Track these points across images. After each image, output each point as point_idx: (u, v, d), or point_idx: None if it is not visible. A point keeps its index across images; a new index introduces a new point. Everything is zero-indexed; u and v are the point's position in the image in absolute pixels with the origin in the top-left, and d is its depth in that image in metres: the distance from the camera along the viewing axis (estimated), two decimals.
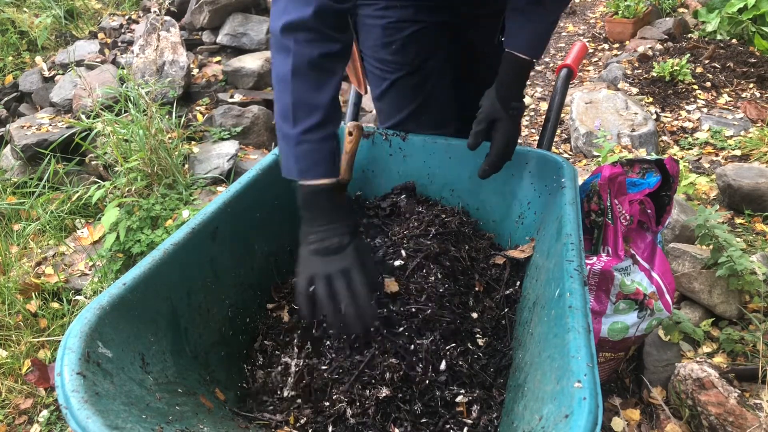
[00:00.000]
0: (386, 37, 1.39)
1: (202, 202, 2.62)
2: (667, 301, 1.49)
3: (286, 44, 1.01)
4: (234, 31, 3.68)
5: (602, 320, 1.49)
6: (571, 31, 5.54)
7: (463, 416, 1.03)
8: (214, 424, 0.91)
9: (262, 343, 1.21)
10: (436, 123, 1.51)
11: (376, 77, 1.48)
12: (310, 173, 1.02)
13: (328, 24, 1.01)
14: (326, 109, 1.02)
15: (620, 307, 1.47)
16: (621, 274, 1.44)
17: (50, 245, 2.76)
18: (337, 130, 1.07)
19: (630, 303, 1.47)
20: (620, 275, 1.44)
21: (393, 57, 1.41)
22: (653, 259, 1.47)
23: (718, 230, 1.88)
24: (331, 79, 1.04)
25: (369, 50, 1.44)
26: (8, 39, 4.27)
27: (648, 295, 1.45)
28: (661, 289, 1.47)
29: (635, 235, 1.45)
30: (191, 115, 3.35)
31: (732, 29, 4.42)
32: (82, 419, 0.70)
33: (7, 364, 2.08)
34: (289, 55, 1.00)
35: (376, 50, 1.42)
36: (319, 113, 1.01)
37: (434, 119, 1.51)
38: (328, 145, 1.03)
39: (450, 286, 1.21)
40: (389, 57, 1.41)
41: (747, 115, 3.58)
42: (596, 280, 1.45)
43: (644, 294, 1.45)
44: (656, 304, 1.47)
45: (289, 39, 1.00)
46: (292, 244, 1.45)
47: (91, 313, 0.84)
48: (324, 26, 1.01)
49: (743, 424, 1.48)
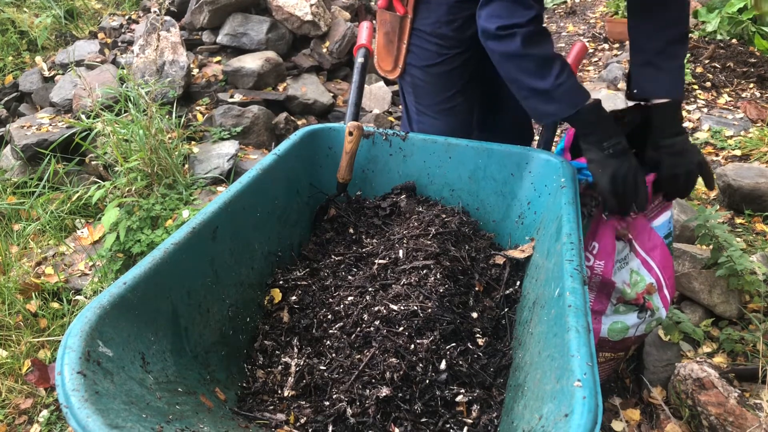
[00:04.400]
0: (451, 14, 1.53)
1: (202, 202, 2.62)
2: (665, 296, 1.48)
3: (506, 33, 1.24)
4: (234, 31, 3.68)
5: (602, 320, 1.49)
6: (571, 31, 5.55)
7: (463, 416, 1.03)
8: (215, 424, 0.91)
9: (262, 343, 1.21)
10: (475, 100, 1.72)
11: (430, 52, 1.60)
12: (581, 99, 1.25)
13: (538, 23, 1.25)
14: (559, 56, 1.26)
15: (620, 310, 1.47)
16: (618, 266, 1.43)
17: (50, 245, 2.75)
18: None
19: (630, 306, 1.47)
20: (619, 280, 1.43)
21: (454, 33, 1.56)
22: (654, 250, 1.46)
23: (718, 230, 1.88)
24: (549, 37, 1.27)
25: (429, 26, 1.57)
26: (8, 39, 4.27)
27: (645, 287, 1.44)
28: (660, 283, 1.47)
29: (636, 222, 1.43)
30: (191, 115, 3.35)
31: (732, 29, 4.42)
32: (83, 418, 0.70)
33: (7, 364, 2.08)
34: (515, 37, 1.23)
35: (439, 26, 1.56)
36: (558, 60, 1.25)
37: (477, 96, 1.73)
38: (575, 77, 1.27)
39: (450, 286, 1.21)
40: (450, 33, 1.55)
41: (747, 115, 3.58)
42: (597, 287, 1.45)
43: (644, 298, 1.45)
44: (654, 303, 1.47)
45: (509, 30, 1.23)
46: (292, 243, 1.45)
47: (91, 313, 0.84)
48: (534, 24, 1.24)
49: (743, 424, 1.48)
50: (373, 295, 1.21)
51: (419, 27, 1.59)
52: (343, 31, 3.87)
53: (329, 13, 3.96)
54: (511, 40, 1.24)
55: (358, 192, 1.58)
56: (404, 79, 1.70)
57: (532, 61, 1.24)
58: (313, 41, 3.89)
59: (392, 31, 1.63)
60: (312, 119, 3.61)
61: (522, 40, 1.22)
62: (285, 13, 3.74)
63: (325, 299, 1.27)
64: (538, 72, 1.24)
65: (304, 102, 3.57)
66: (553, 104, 1.26)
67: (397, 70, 1.67)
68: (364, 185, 1.59)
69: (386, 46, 1.67)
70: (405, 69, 1.67)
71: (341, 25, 3.92)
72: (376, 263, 1.29)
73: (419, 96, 1.69)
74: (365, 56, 1.67)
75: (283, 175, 1.42)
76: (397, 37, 1.63)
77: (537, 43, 1.24)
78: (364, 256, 1.37)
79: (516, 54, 1.24)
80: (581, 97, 1.26)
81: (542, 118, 1.34)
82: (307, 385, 1.09)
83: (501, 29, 1.24)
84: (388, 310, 1.13)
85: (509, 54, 1.26)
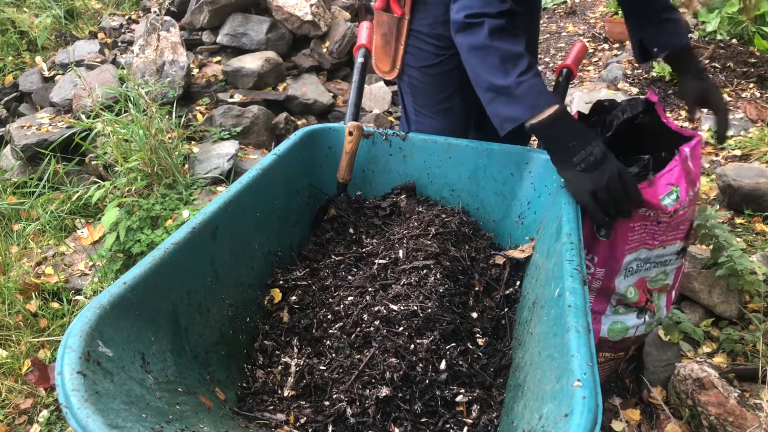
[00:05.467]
0: (448, 15, 1.49)
1: (202, 202, 2.62)
2: (671, 297, 1.48)
3: (474, 22, 1.20)
4: (234, 31, 3.68)
5: (602, 320, 1.48)
6: (571, 31, 5.54)
7: (463, 416, 1.03)
8: (215, 424, 0.91)
9: (262, 343, 1.21)
10: (473, 100, 1.68)
11: (428, 53, 1.60)
12: (540, 104, 1.15)
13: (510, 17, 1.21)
14: (527, 54, 1.20)
15: (620, 311, 1.47)
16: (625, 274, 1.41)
17: (50, 245, 2.75)
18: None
19: (630, 308, 1.46)
20: (624, 285, 1.42)
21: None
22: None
23: (718, 230, 1.88)
24: (520, 32, 1.22)
25: (426, 27, 1.57)
26: (8, 39, 4.27)
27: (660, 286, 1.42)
28: (674, 284, 1.47)
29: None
30: (191, 115, 3.35)
31: (732, 29, 4.42)
32: (83, 418, 0.70)
33: (7, 364, 2.08)
34: (482, 26, 1.19)
35: (435, 26, 1.56)
36: (524, 58, 1.18)
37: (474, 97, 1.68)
38: (541, 79, 1.19)
39: (450, 286, 1.21)
40: (448, 34, 1.52)
41: (747, 115, 3.58)
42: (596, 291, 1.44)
43: (647, 300, 1.44)
44: (657, 303, 1.47)
45: (477, 18, 1.20)
46: (292, 243, 1.45)
47: (91, 312, 0.84)
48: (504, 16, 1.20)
49: (743, 424, 1.48)
50: (373, 295, 1.21)
51: (416, 28, 1.60)
52: (343, 31, 3.87)
53: (329, 13, 3.96)
54: (478, 30, 1.20)
55: (358, 192, 1.58)
56: (402, 80, 1.71)
57: (496, 54, 1.19)
58: (313, 41, 3.89)
59: (389, 32, 1.63)
60: (312, 119, 3.61)
61: (488, 31, 1.19)
62: (285, 13, 3.74)
63: (325, 299, 1.27)
64: (502, 67, 1.18)
65: (304, 102, 3.57)
66: (512, 106, 1.18)
67: (394, 71, 1.68)
68: (364, 185, 1.59)
69: (384, 48, 1.68)
70: (403, 70, 1.67)
71: (341, 25, 3.92)
72: (376, 263, 1.29)
73: (417, 96, 1.69)
74: (365, 56, 1.68)
75: (283, 175, 1.42)
76: (394, 39, 1.63)
77: (504, 37, 1.19)
78: (364, 256, 1.37)
79: (481, 45, 1.20)
80: (542, 102, 1.16)
81: (504, 123, 1.22)
82: (307, 385, 1.09)
83: (469, 17, 1.22)
84: (388, 310, 1.13)
85: (474, 46, 1.22)
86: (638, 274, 1.42)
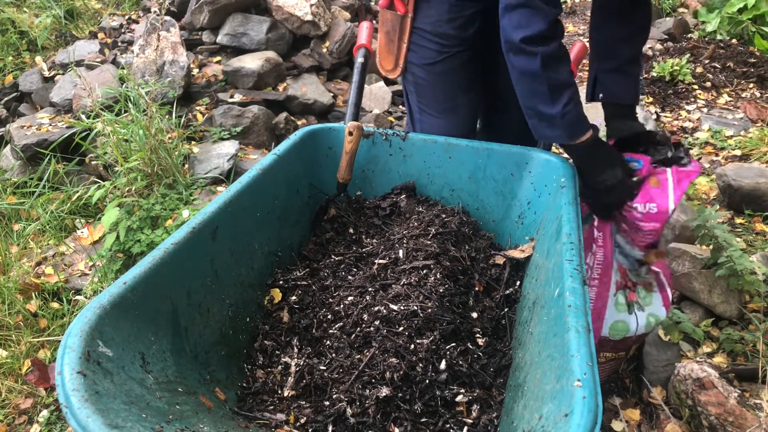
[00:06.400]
0: (452, 13, 1.54)
1: (202, 202, 2.62)
2: (667, 298, 1.49)
3: (530, 50, 1.24)
4: (234, 31, 3.68)
5: (604, 319, 1.49)
6: (571, 31, 5.54)
7: (463, 416, 1.03)
8: (215, 424, 0.91)
9: (262, 343, 1.21)
10: (479, 100, 1.73)
11: (431, 51, 1.61)
12: (579, 131, 1.29)
13: (559, 29, 1.27)
14: (573, 81, 1.28)
15: (618, 299, 1.47)
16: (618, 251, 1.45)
17: (50, 245, 2.75)
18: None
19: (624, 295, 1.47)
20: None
21: (455, 32, 1.57)
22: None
23: (718, 230, 1.88)
24: (568, 59, 1.29)
25: (430, 25, 1.58)
26: (8, 39, 4.27)
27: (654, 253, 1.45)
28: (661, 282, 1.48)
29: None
30: (191, 115, 3.35)
31: (732, 29, 4.42)
32: (83, 418, 0.70)
33: (7, 364, 2.08)
34: (537, 56, 1.23)
35: (439, 24, 1.57)
36: (570, 87, 1.27)
37: (480, 96, 1.74)
38: (581, 105, 1.29)
39: (450, 286, 1.21)
40: (451, 32, 1.57)
41: (747, 115, 3.58)
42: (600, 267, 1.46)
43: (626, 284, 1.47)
44: (643, 299, 1.48)
45: (532, 46, 1.24)
46: (292, 243, 1.45)
47: (91, 312, 0.84)
48: (556, 32, 1.26)
49: (743, 424, 1.48)
50: (373, 295, 1.21)
51: (420, 26, 1.60)
52: (343, 31, 3.87)
53: (329, 13, 3.96)
54: (532, 59, 1.24)
55: (358, 192, 1.58)
56: (407, 78, 1.71)
57: (545, 84, 1.25)
58: (313, 41, 3.89)
59: (393, 30, 1.63)
60: (312, 119, 3.61)
61: (542, 61, 1.23)
62: (285, 13, 3.74)
63: (325, 299, 1.27)
64: (550, 96, 1.26)
65: (304, 102, 3.56)
66: (554, 130, 1.30)
67: (397, 69, 1.68)
68: (364, 185, 1.58)
69: (387, 46, 1.68)
70: (406, 68, 1.67)
71: (341, 25, 3.92)
72: (376, 263, 1.29)
73: (421, 95, 1.69)
74: (365, 56, 1.68)
75: (283, 175, 1.42)
76: (397, 36, 1.64)
77: (555, 68, 1.25)
78: (364, 256, 1.37)
79: (533, 73, 1.25)
80: (581, 129, 1.29)
81: (540, 137, 1.35)
82: (307, 385, 1.09)
83: (525, 41, 1.24)
84: (388, 310, 1.13)
85: (527, 72, 1.27)
86: (618, 256, 1.47)
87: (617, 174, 1.33)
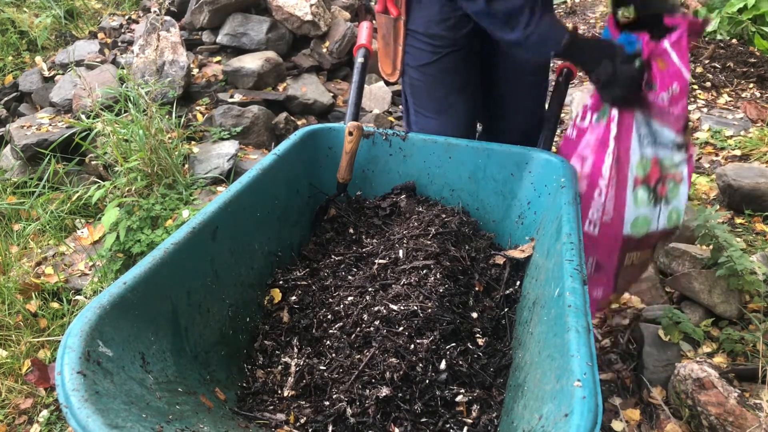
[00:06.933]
0: (443, 13, 1.54)
1: (202, 202, 2.62)
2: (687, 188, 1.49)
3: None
4: (234, 31, 3.68)
5: (624, 216, 1.47)
6: None
7: (463, 416, 1.03)
8: (215, 424, 0.91)
9: (262, 343, 1.21)
10: (476, 103, 1.74)
11: (424, 52, 1.61)
12: (553, 44, 1.35)
13: None
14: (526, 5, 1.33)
15: (638, 195, 1.46)
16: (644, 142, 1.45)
17: (50, 245, 2.75)
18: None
19: (647, 190, 1.47)
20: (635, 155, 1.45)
21: (447, 32, 1.56)
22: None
23: (718, 230, 1.88)
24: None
25: (422, 26, 1.58)
26: (8, 39, 4.27)
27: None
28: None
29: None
30: (191, 115, 3.35)
31: (732, 29, 4.42)
32: (83, 418, 0.70)
33: (7, 364, 2.08)
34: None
35: (430, 25, 1.57)
36: (525, 11, 1.32)
37: (478, 99, 1.75)
38: (547, 20, 1.34)
39: (450, 286, 1.21)
40: (443, 32, 1.57)
41: (747, 115, 3.58)
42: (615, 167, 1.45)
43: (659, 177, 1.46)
44: (672, 191, 1.48)
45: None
46: (292, 243, 1.45)
47: (91, 312, 0.84)
48: None
49: (743, 424, 1.48)
50: (373, 295, 1.21)
51: (412, 28, 1.60)
52: (343, 31, 3.87)
53: (329, 13, 3.96)
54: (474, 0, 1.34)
55: (358, 192, 1.58)
56: (404, 80, 1.71)
57: (498, 17, 1.36)
58: (313, 41, 3.89)
59: (388, 33, 1.64)
60: (312, 119, 3.61)
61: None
62: (285, 13, 3.74)
63: (325, 299, 1.27)
64: (507, 25, 1.35)
65: (304, 102, 3.56)
66: (528, 52, 1.39)
67: (396, 72, 1.68)
68: (364, 185, 1.59)
69: (385, 49, 1.69)
70: (403, 71, 1.67)
71: (341, 25, 3.92)
72: (376, 263, 1.29)
73: (416, 96, 1.69)
74: (365, 56, 1.68)
75: (283, 175, 1.42)
76: (393, 40, 1.64)
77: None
78: (364, 256, 1.37)
79: (482, 12, 1.36)
80: (553, 43, 1.35)
81: (526, 60, 1.46)
82: (307, 385, 1.09)
83: None
84: (388, 310, 1.13)
85: (477, 12, 1.38)
86: (647, 148, 1.46)
87: (609, 67, 1.36)
